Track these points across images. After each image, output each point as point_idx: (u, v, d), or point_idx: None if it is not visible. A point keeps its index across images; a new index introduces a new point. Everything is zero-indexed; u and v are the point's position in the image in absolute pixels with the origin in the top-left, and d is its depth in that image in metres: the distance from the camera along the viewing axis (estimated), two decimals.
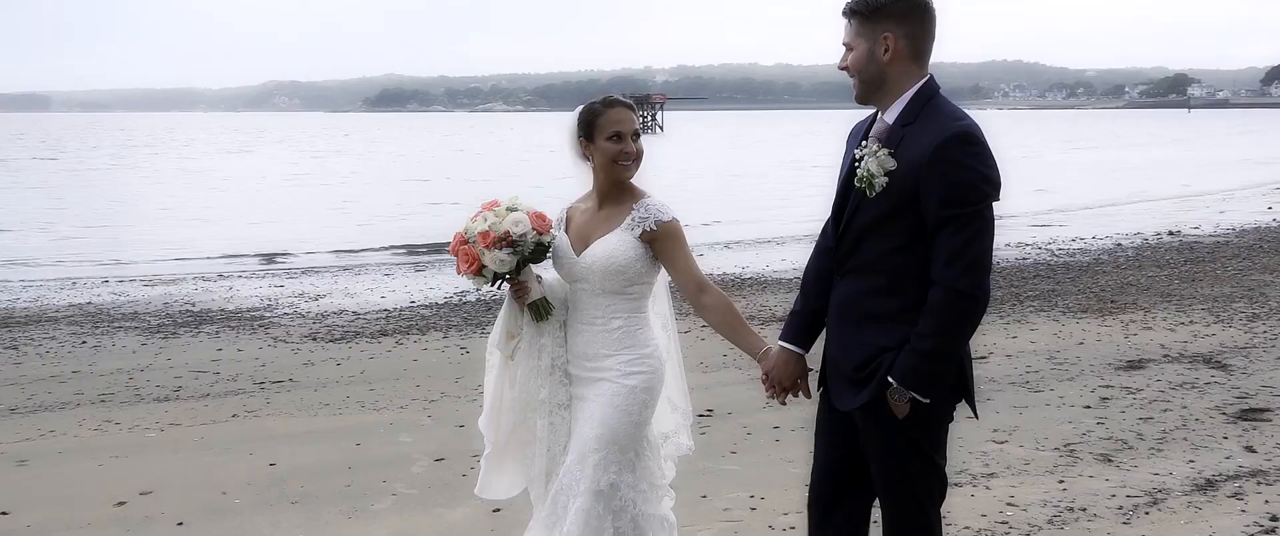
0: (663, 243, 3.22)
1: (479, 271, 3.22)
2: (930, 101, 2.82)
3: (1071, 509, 4.82)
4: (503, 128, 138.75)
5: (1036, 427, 6.19)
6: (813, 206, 27.99)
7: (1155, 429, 6.12)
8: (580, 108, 3.35)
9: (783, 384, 3.08)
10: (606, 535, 3.18)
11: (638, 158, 3.31)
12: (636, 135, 3.33)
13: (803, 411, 6.64)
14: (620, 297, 3.25)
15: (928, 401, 2.74)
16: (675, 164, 51.85)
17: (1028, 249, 16.78)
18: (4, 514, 5.08)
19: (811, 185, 36.26)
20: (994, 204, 2.74)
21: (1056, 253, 16.25)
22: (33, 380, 8.69)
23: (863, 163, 2.81)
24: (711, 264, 16.94)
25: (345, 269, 17.88)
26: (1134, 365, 7.84)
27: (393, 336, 10.83)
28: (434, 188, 36.95)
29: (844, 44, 2.90)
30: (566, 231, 3.37)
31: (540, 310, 3.30)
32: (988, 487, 5.14)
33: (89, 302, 13.93)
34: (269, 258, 18.87)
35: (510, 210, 3.25)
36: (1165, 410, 6.53)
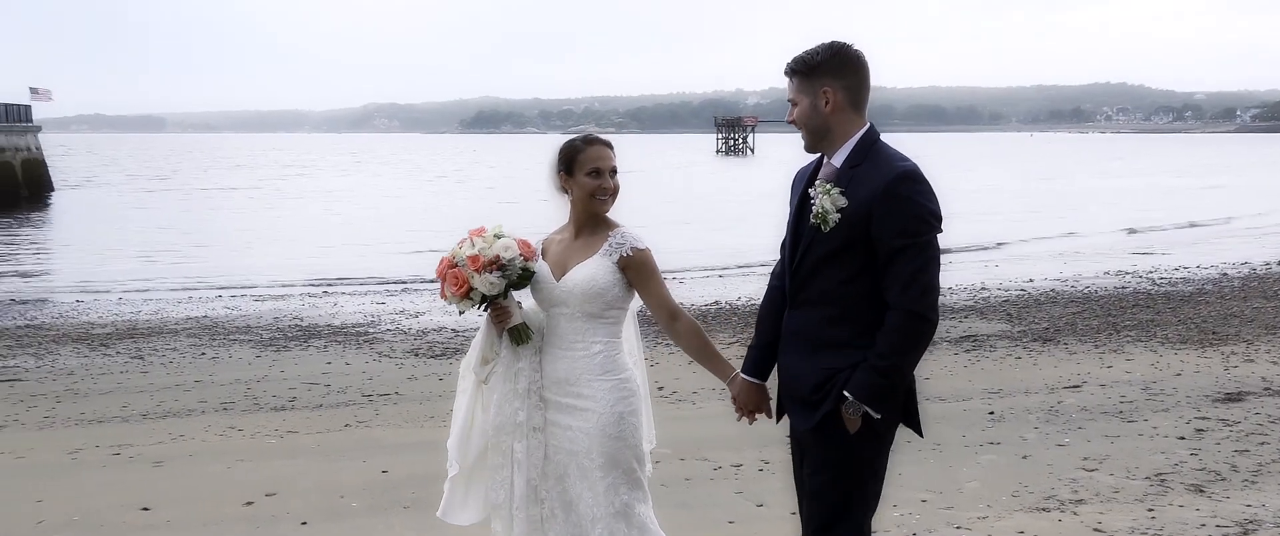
0: (637, 270, 3.37)
1: (467, 294, 3.34)
2: (873, 146, 3.06)
3: None
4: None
5: (1128, 456, 6.20)
6: None
7: (1250, 461, 6.08)
8: (562, 143, 3.53)
9: (748, 408, 3.32)
10: None
11: (614, 192, 3.43)
12: (614, 172, 3.43)
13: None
14: (599, 321, 3.40)
15: (878, 417, 2.98)
16: (763, 187, 51.85)
17: (1128, 278, 16.47)
18: (145, 509, 5.54)
19: None
20: (938, 236, 2.99)
21: (1157, 282, 15.92)
22: (160, 387, 9.29)
23: (817, 201, 3.03)
24: None
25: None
26: (1232, 397, 7.74)
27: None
28: (526, 208, 37.66)
29: (789, 100, 3.14)
30: (543, 260, 3.50)
31: (519, 335, 3.43)
32: (1075, 513, 5.20)
33: (205, 316, 14.69)
34: (369, 278, 19.54)
35: (497, 236, 3.39)
36: (1262, 443, 6.47)
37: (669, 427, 7.14)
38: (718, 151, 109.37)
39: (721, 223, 31.79)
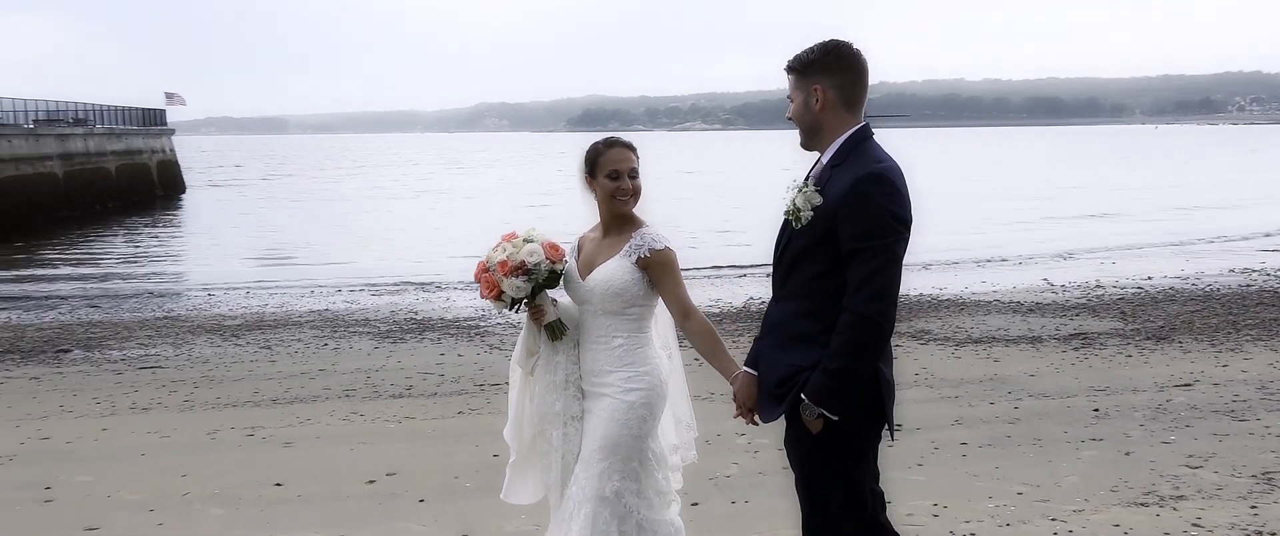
0: (656, 269, 3.45)
1: (499, 297, 3.49)
2: (859, 146, 3.06)
3: (1260, 532, 4.82)
4: (702, 146, 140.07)
5: (1235, 455, 6.10)
6: (1002, 230, 27.19)
7: None
8: (587, 147, 3.59)
9: (746, 404, 3.29)
10: None
11: (635, 193, 3.52)
12: (634, 174, 3.51)
13: (992, 429, 6.81)
14: (621, 318, 3.49)
15: (836, 418, 2.97)
16: None
17: (1254, 275, 15.86)
18: (278, 485, 5.98)
19: (1010, 206, 35.11)
20: (904, 241, 2.96)
21: None
22: (287, 375, 9.86)
23: (789, 197, 3.09)
24: (908, 284, 16.87)
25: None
26: None
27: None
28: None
29: (787, 97, 3.17)
30: (578, 257, 3.63)
31: (555, 331, 3.57)
32: (1174, 509, 5.17)
33: (326, 309, 15.41)
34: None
35: (526, 241, 3.51)
36: None
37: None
38: None
39: None
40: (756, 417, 3.30)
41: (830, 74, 3.06)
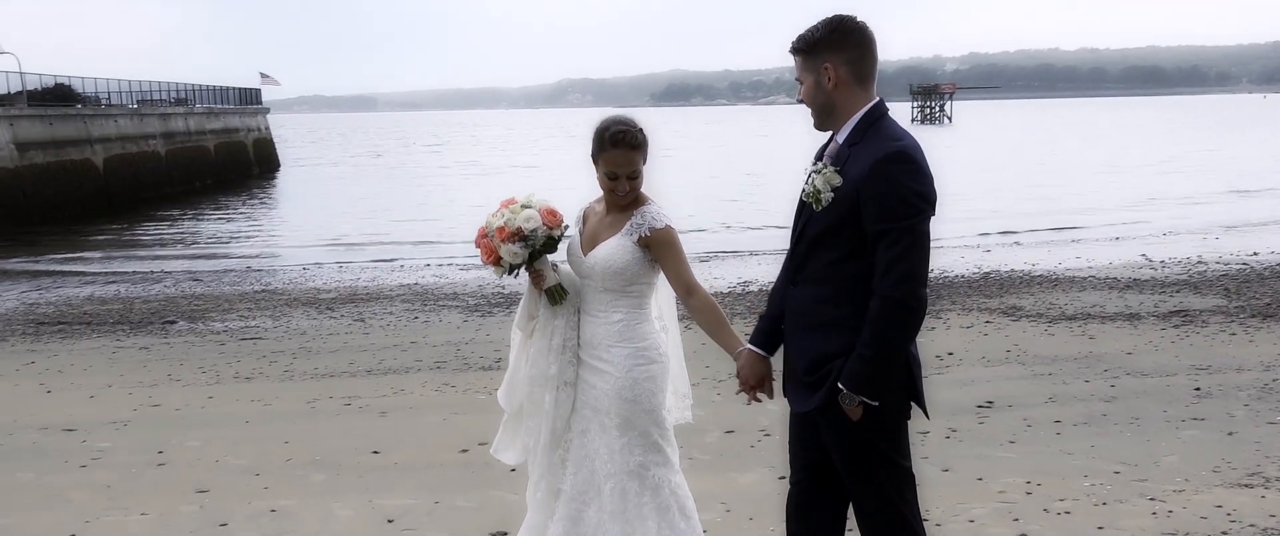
0: (658, 247, 3.44)
1: (497, 262, 3.53)
2: (876, 123, 2.97)
3: None
4: (786, 120, 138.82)
5: None
6: (1097, 203, 26.37)
7: None
8: (599, 124, 3.50)
9: (749, 382, 3.25)
10: (646, 509, 3.48)
11: (630, 195, 3.48)
12: (634, 175, 3.45)
13: (1088, 407, 6.67)
14: (621, 295, 3.50)
15: (877, 404, 2.91)
16: (953, 156, 50.11)
17: None
18: (376, 452, 6.17)
19: (1107, 180, 34.04)
20: (930, 218, 2.88)
21: None
22: (380, 347, 10.13)
23: (810, 179, 3.00)
24: (1000, 260, 16.56)
25: None
26: None
27: (682, 321, 11.56)
28: (727, 184, 37.94)
29: (796, 79, 3.08)
30: (582, 228, 3.62)
31: (555, 295, 3.58)
32: None
33: (416, 283, 15.74)
34: None
35: (525, 207, 3.52)
36: None
37: None
38: (912, 120, 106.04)
39: None
40: (759, 396, 3.27)
41: (839, 50, 2.98)
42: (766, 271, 16.35)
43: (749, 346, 3.24)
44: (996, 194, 29.91)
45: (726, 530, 4.72)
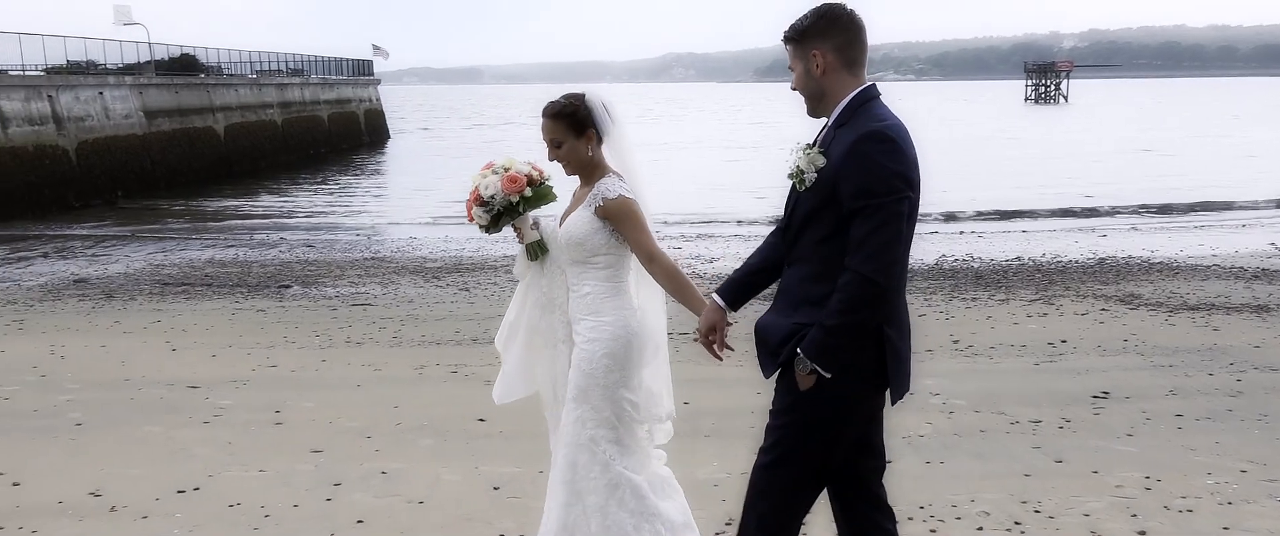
0: (615, 218, 3.47)
1: (473, 220, 3.72)
2: (863, 106, 2.99)
3: None
4: (894, 98, 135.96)
5: None
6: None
7: None
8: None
9: (703, 329, 3.26)
10: (596, 483, 3.50)
11: (566, 162, 3.55)
12: (557, 143, 3.54)
13: (1211, 401, 6.40)
14: (587, 267, 3.53)
15: (829, 376, 2.91)
16: (1065, 137, 48.39)
17: None
18: (481, 420, 6.28)
19: (1234, 162, 32.44)
20: (906, 201, 2.86)
21: None
22: (485, 317, 10.29)
23: (792, 160, 3.03)
24: (1116, 245, 15.97)
25: (736, 235, 18.91)
26: None
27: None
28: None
29: (789, 67, 3.11)
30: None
31: (533, 251, 3.69)
32: None
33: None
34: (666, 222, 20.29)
35: (497, 171, 3.65)
36: None
37: (965, 381, 7.10)
38: (1026, 99, 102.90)
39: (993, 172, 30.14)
40: (718, 352, 3.29)
41: (826, 37, 3.02)
42: None
43: (711, 296, 3.29)
44: (1110, 176, 28.82)
45: (828, 515, 4.65)
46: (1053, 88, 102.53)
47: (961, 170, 32.30)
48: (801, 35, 3.05)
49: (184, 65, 38.54)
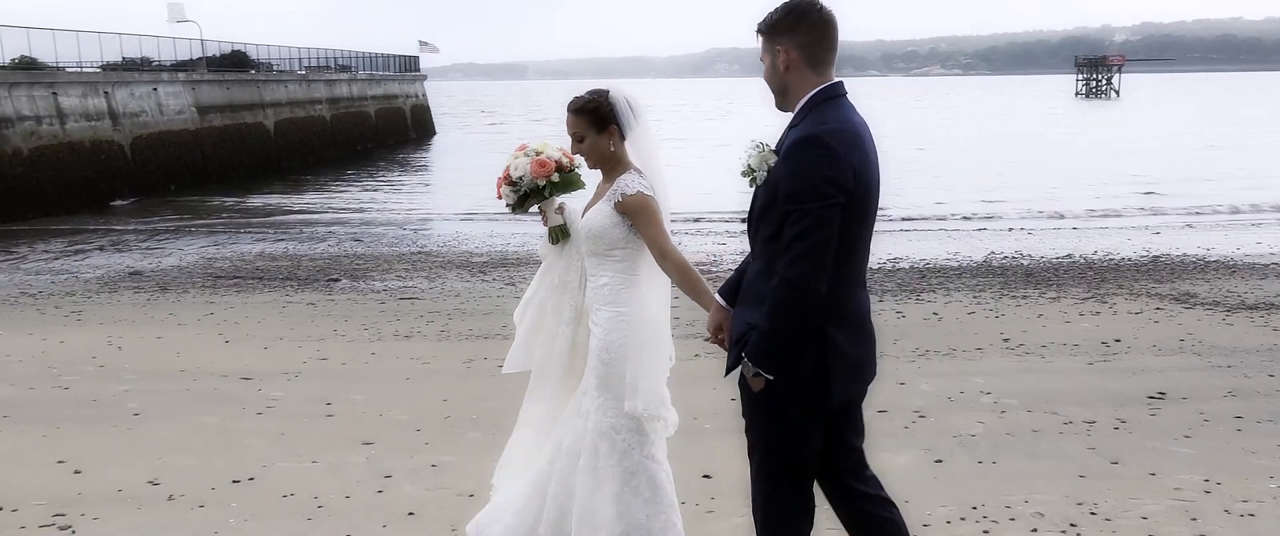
0: (631, 213, 3.53)
1: (501, 198, 3.84)
2: (818, 107, 3.00)
3: None
4: (940, 94, 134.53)
5: None
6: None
7: None
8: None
9: (709, 328, 3.35)
10: (612, 470, 3.57)
11: (585, 154, 3.64)
12: (580, 138, 3.61)
13: (1272, 403, 6.26)
14: (605, 260, 3.60)
15: (771, 377, 2.97)
16: (1117, 133, 47.57)
17: None
18: None
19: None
20: (836, 206, 2.86)
21: None
22: None
23: (746, 159, 3.06)
24: (1170, 242, 15.68)
25: None
26: None
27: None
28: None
29: (759, 59, 3.13)
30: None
31: (554, 235, 3.79)
32: None
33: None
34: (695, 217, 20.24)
35: (528, 154, 3.74)
36: None
37: (1016, 379, 7.01)
38: (1076, 93, 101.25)
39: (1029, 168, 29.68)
40: (726, 347, 3.33)
41: (792, 34, 3.03)
42: (917, 247, 15.94)
43: (717, 300, 3.36)
44: (1163, 172, 28.29)
45: None
46: (1104, 82, 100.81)
47: (1010, 166, 31.88)
48: (770, 29, 3.08)
49: (235, 62, 39.13)
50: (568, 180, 3.77)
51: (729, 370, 3.15)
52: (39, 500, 4.89)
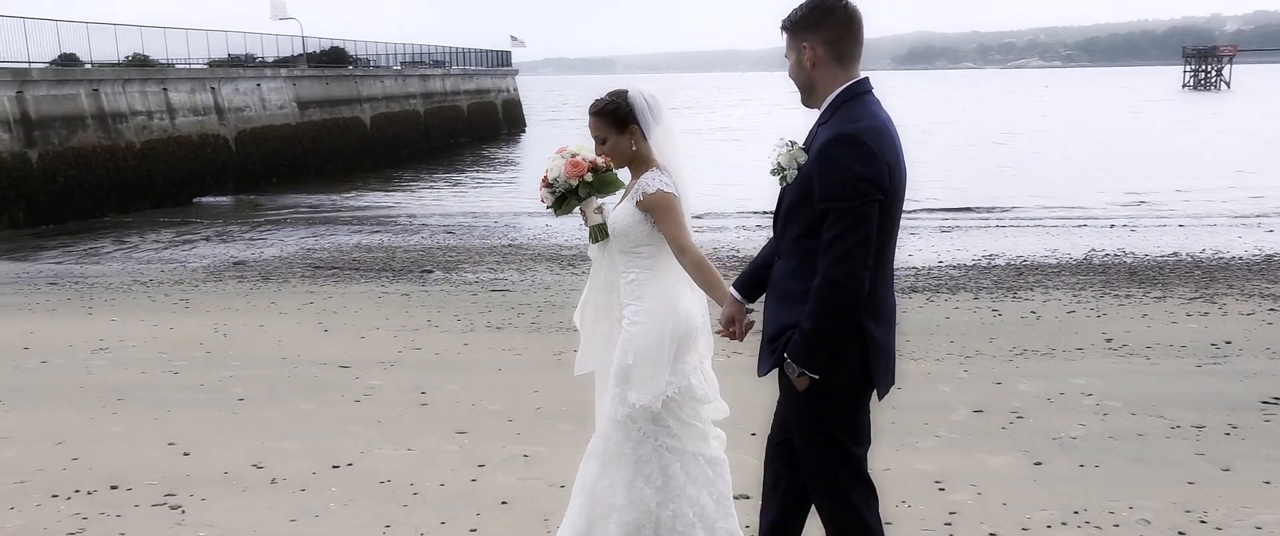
0: (652, 211, 3.57)
1: (542, 201, 3.92)
2: (845, 103, 3.00)
3: None
4: (1042, 85, 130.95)
5: None
6: None
7: None
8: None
9: (722, 321, 3.38)
10: (625, 458, 3.63)
11: (609, 155, 3.68)
12: (600, 141, 3.66)
13: None
14: (632, 257, 3.66)
15: (816, 377, 2.99)
16: (1227, 124, 45.65)
17: None
18: None
19: None
20: (874, 204, 2.87)
21: None
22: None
23: (776, 156, 3.08)
24: (1260, 241, 15.02)
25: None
26: None
27: (923, 293, 11.20)
28: (994, 150, 36.40)
29: (784, 56, 3.14)
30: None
31: (594, 234, 3.84)
32: None
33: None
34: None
35: (565, 156, 3.79)
36: None
37: (1120, 381, 6.78)
38: (1184, 86, 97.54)
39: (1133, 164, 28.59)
40: (740, 337, 3.40)
41: (818, 30, 3.05)
42: (1013, 243, 15.55)
43: (729, 290, 3.39)
44: (1277, 167, 27.05)
45: (978, 514, 4.52)
46: (1214, 73, 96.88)
47: (1112, 160, 30.89)
48: (795, 26, 3.09)
49: (334, 58, 40.14)
50: (603, 180, 3.83)
51: (766, 370, 3.17)
52: (151, 479, 5.09)
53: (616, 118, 3.64)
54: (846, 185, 2.87)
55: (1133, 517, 4.44)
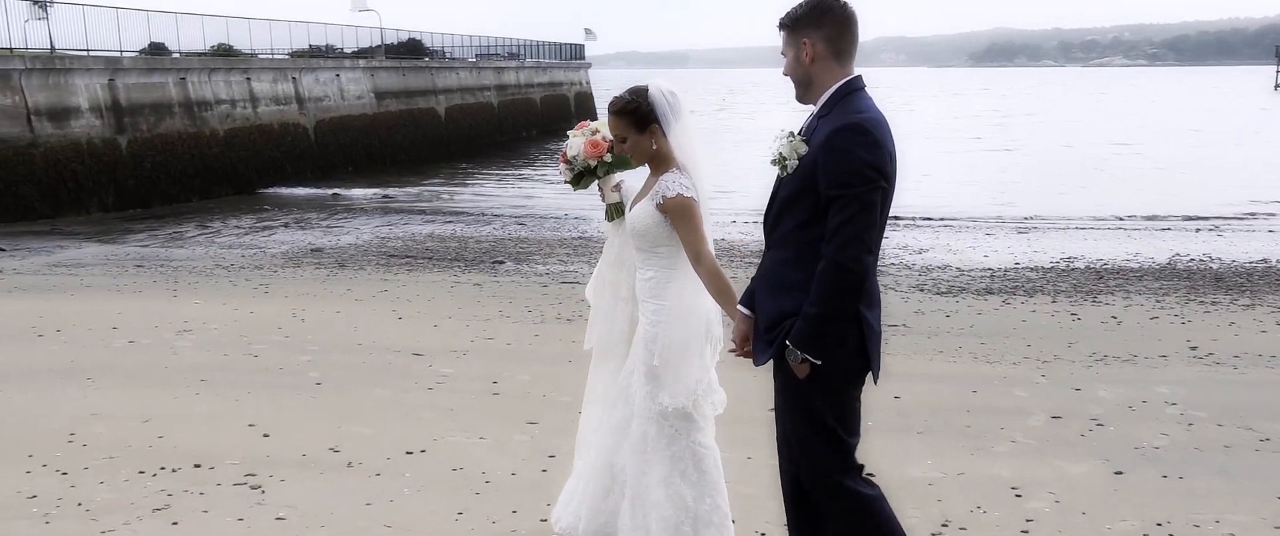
0: (671, 214, 3.55)
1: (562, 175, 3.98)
2: (845, 98, 3.10)
3: None
4: (1127, 84, 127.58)
5: None
6: None
7: None
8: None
9: (734, 339, 3.37)
10: (660, 454, 3.64)
11: (629, 154, 3.68)
12: (620, 140, 3.66)
13: None
14: (650, 255, 3.65)
15: (820, 363, 3.04)
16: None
17: None
18: None
19: None
20: (879, 191, 2.97)
21: None
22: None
23: (777, 147, 3.14)
24: None
25: (945, 226, 18.26)
26: None
27: (999, 295, 11.01)
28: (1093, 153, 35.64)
29: (781, 53, 3.20)
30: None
31: (610, 212, 3.92)
32: None
33: (722, 238, 15.93)
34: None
35: (585, 134, 3.84)
36: None
37: (1205, 391, 6.59)
38: (1276, 86, 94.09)
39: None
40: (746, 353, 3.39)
41: (817, 27, 3.13)
42: (1093, 247, 15.18)
43: (742, 310, 3.38)
44: None
45: (1056, 522, 4.43)
46: None
47: (1200, 164, 29.97)
48: (794, 23, 3.17)
49: (410, 49, 40.71)
50: (621, 159, 3.87)
51: (765, 359, 3.21)
52: (233, 460, 5.23)
53: (637, 117, 3.63)
54: (854, 172, 2.98)
55: (1218, 532, 4.31)
